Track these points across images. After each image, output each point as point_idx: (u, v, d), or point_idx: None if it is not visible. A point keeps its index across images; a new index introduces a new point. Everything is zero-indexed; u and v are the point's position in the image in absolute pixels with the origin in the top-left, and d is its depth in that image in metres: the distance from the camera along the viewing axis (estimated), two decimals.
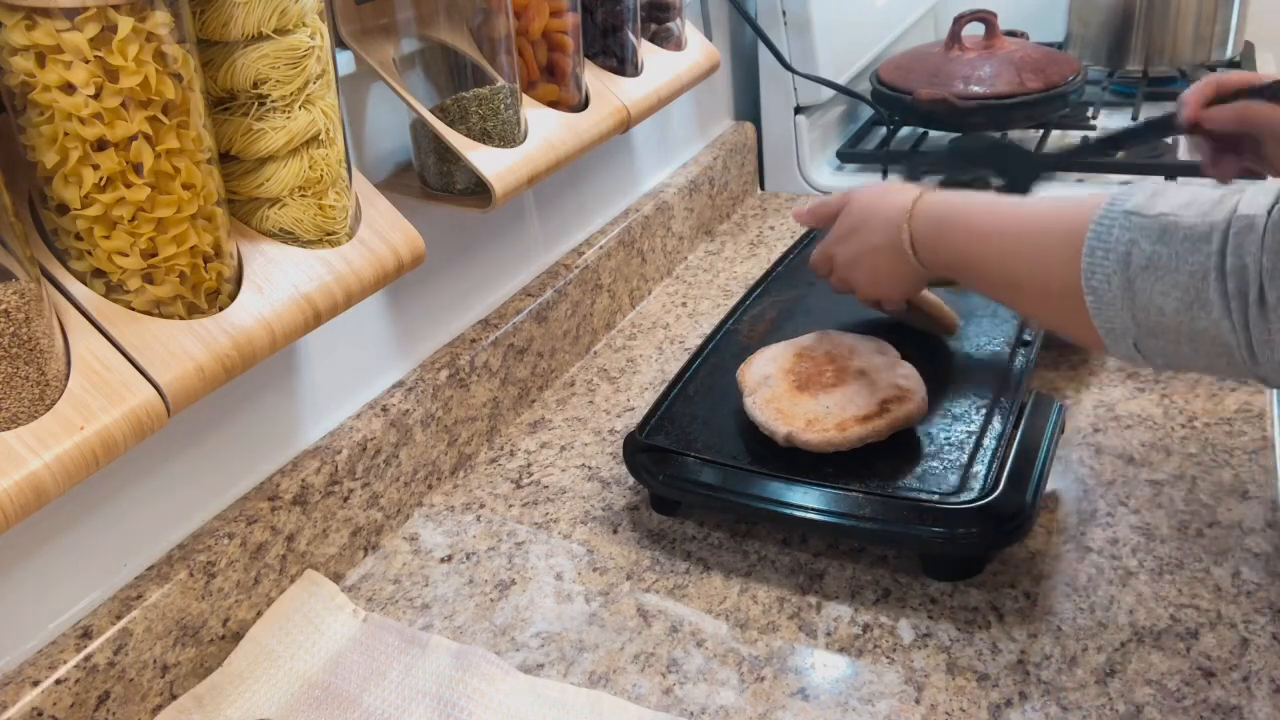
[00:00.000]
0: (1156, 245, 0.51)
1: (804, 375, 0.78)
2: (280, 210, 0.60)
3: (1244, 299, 0.48)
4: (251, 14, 0.55)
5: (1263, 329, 0.48)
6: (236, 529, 0.67)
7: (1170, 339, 0.52)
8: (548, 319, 0.97)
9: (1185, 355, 0.52)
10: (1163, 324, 0.52)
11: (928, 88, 1.32)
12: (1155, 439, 0.81)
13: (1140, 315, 0.52)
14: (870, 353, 0.80)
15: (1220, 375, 0.52)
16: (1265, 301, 0.48)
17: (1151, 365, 0.55)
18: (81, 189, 0.50)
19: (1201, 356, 0.52)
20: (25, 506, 0.47)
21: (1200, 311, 0.50)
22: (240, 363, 0.56)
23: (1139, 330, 0.53)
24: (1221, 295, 0.49)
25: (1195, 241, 0.50)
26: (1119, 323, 0.53)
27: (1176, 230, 0.51)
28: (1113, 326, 0.54)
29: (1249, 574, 0.67)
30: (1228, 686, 0.60)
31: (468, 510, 0.83)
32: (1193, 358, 0.52)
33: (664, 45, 1.00)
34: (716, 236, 1.29)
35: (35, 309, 0.48)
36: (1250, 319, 0.48)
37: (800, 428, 0.73)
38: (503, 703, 0.63)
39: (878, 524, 0.68)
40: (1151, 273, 0.51)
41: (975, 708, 0.60)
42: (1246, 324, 0.49)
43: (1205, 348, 0.51)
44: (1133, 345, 0.54)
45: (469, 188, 0.77)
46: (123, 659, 0.60)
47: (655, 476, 0.75)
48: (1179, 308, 0.50)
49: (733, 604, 0.70)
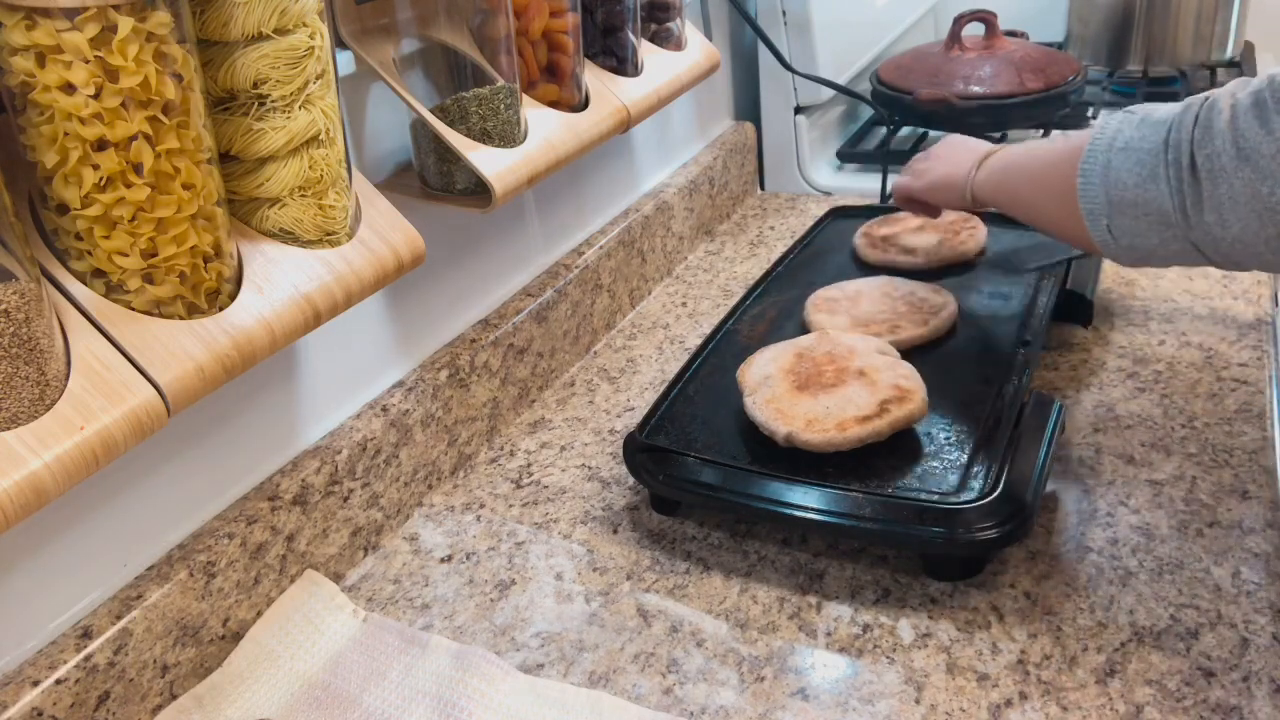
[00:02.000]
0: (1133, 132, 0.61)
1: (804, 375, 0.78)
2: (280, 210, 0.60)
3: (1179, 167, 0.57)
4: (251, 14, 0.55)
5: (1194, 192, 0.57)
6: (236, 529, 0.67)
7: (1131, 214, 0.61)
8: (548, 319, 0.97)
9: (1142, 231, 0.61)
10: (1126, 198, 0.60)
11: (928, 88, 1.32)
12: (1155, 439, 0.81)
13: (1112, 192, 0.61)
14: (870, 353, 0.80)
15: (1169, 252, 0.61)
16: (1195, 166, 0.57)
17: (1120, 249, 0.63)
18: (81, 189, 0.50)
19: (1154, 230, 0.60)
20: (25, 506, 0.47)
21: (1151, 183, 0.59)
22: (240, 363, 0.56)
23: (1110, 207, 0.62)
24: (1164, 165, 0.58)
25: (1157, 126, 0.60)
26: (1097, 201, 0.62)
27: (1149, 119, 0.61)
28: (1092, 206, 0.62)
29: (1249, 574, 0.67)
30: (1228, 686, 0.60)
31: (468, 510, 0.83)
32: (1148, 232, 0.61)
33: (664, 45, 1.00)
34: (716, 236, 1.29)
35: (35, 309, 0.48)
36: (1184, 183, 0.57)
37: (800, 428, 0.73)
38: (503, 703, 0.63)
39: (878, 524, 0.68)
40: (1124, 152, 0.61)
41: (975, 708, 0.60)
42: (1181, 189, 0.58)
43: (1154, 218, 0.60)
44: (1106, 227, 0.62)
45: (469, 188, 0.77)
46: (123, 659, 0.60)
47: (655, 476, 0.75)
48: (1138, 181, 0.60)
49: (733, 604, 0.70)
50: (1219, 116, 0.56)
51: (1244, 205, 0.55)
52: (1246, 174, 0.55)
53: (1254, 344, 0.91)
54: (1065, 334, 0.95)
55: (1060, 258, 0.96)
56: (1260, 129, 0.54)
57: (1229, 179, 0.55)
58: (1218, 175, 0.56)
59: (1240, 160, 0.55)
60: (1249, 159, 0.54)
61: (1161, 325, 0.95)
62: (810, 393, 0.76)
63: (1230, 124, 0.56)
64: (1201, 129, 0.57)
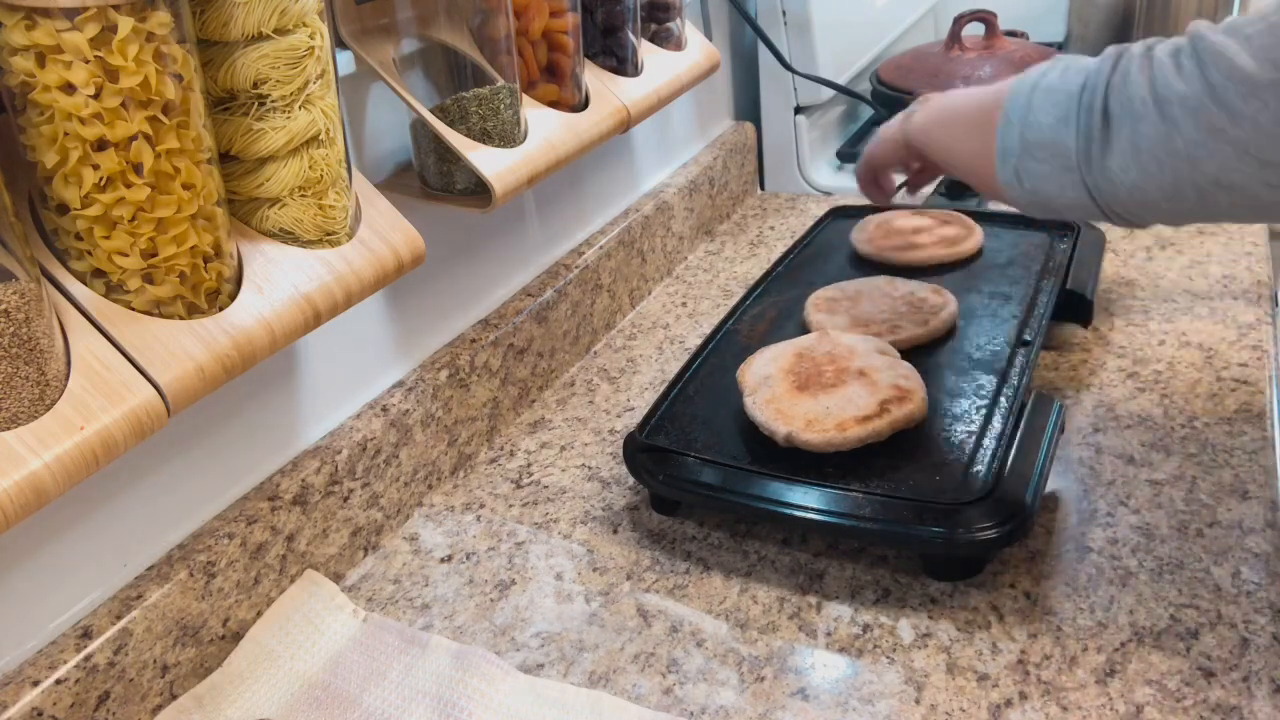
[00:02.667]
0: (1057, 76, 0.61)
1: (804, 375, 0.78)
2: (280, 210, 0.60)
3: (1091, 111, 0.58)
4: (251, 14, 0.55)
5: (1102, 135, 0.58)
6: (236, 529, 0.67)
7: (1039, 155, 0.61)
8: (548, 319, 0.97)
9: (1044, 175, 0.61)
10: (1039, 139, 0.61)
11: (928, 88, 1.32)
12: (1155, 439, 0.81)
13: (1027, 132, 0.61)
14: (870, 353, 0.80)
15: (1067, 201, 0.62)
16: (1108, 110, 0.57)
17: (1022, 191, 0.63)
18: (81, 189, 0.50)
19: (1055, 174, 0.60)
20: (25, 506, 0.47)
21: (1063, 126, 0.59)
22: (240, 363, 0.56)
23: (1022, 148, 0.62)
24: (1078, 108, 0.59)
25: (1078, 72, 0.60)
26: (1012, 141, 0.62)
27: (1074, 64, 0.61)
28: (1006, 145, 0.62)
29: (1249, 574, 0.67)
30: (1228, 686, 0.60)
31: (468, 510, 0.83)
32: (1049, 177, 0.61)
33: (664, 45, 1.00)
34: (716, 236, 1.29)
35: (35, 309, 0.48)
36: (1094, 128, 0.58)
37: (800, 428, 0.73)
38: (503, 703, 0.63)
39: (878, 524, 0.68)
40: (1045, 93, 0.61)
41: (975, 708, 0.60)
42: (1090, 132, 0.58)
43: (1059, 161, 0.60)
44: (1014, 169, 0.62)
45: (469, 188, 0.77)
46: (123, 659, 0.60)
47: (655, 476, 0.75)
48: (1052, 122, 0.60)
49: (733, 604, 0.70)
50: (1135, 64, 0.57)
51: (1147, 151, 0.56)
52: (1154, 118, 0.56)
53: (1254, 344, 0.91)
54: (1065, 334, 0.95)
55: None
56: (1175, 75, 0.55)
57: (1136, 123, 0.56)
58: (1125, 120, 0.57)
59: (1154, 105, 0.56)
60: (1160, 105, 0.55)
61: (1161, 325, 0.95)
62: (810, 393, 0.76)
63: (1144, 70, 0.57)
64: (1120, 75, 0.58)
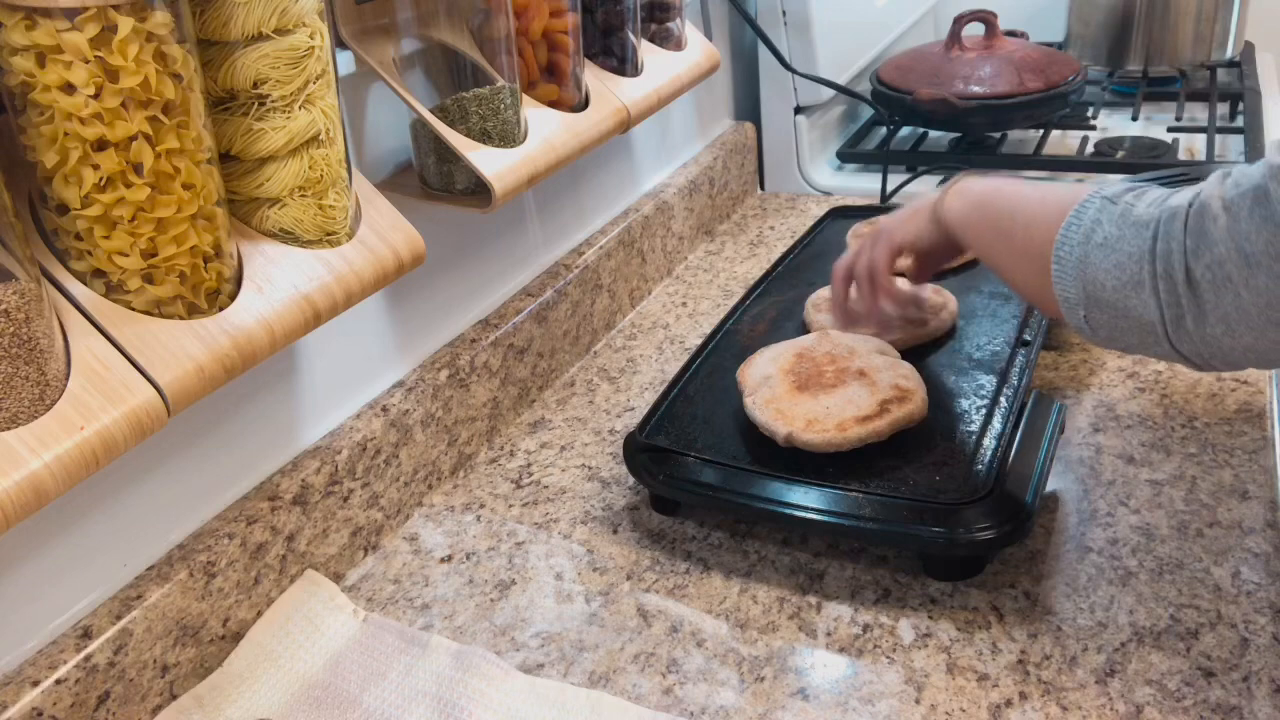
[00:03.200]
0: (1112, 228, 0.57)
1: (804, 375, 0.78)
2: (280, 210, 0.60)
3: (1171, 280, 0.53)
4: (251, 14, 0.55)
5: (1194, 306, 0.53)
6: (236, 529, 0.67)
7: (1110, 313, 0.57)
8: (548, 319, 0.97)
9: (1122, 330, 0.57)
10: (1105, 298, 0.57)
11: (928, 88, 1.32)
12: (1155, 439, 0.81)
13: (1089, 288, 0.57)
14: (870, 353, 0.80)
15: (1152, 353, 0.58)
16: (1192, 279, 0.52)
17: (1097, 337, 0.59)
18: (81, 189, 0.50)
19: (1134, 333, 0.57)
20: (25, 506, 0.47)
21: (1133, 291, 0.55)
22: (240, 363, 0.56)
23: (1087, 301, 0.58)
24: (1151, 276, 0.54)
25: (1139, 228, 0.55)
26: (1072, 292, 0.58)
27: (1130, 216, 0.56)
28: (1067, 295, 0.59)
29: (1249, 574, 0.67)
30: (1228, 686, 0.60)
31: (468, 510, 0.83)
32: (1127, 333, 0.57)
33: (664, 45, 1.00)
34: (716, 236, 1.29)
35: (35, 309, 0.48)
36: (1180, 297, 0.53)
37: (800, 428, 0.73)
38: (503, 703, 0.63)
39: (878, 524, 0.68)
40: (1103, 250, 0.56)
41: (975, 708, 0.60)
42: (1176, 303, 0.53)
43: (1135, 325, 0.56)
44: (1083, 317, 0.59)
45: (469, 188, 0.77)
46: (123, 659, 0.60)
47: (655, 476, 0.75)
48: (1118, 285, 0.56)
49: (733, 604, 0.70)
50: (1214, 222, 0.51)
51: (1257, 314, 0.50)
52: (1260, 280, 0.49)
53: None
54: (1065, 334, 0.95)
55: None
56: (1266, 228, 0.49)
57: (1236, 289, 0.50)
58: (1222, 286, 0.51)
59: (1249, 267, 0.50)
60: (1259, 264, 0.49)
61: None
62: (810, 393, 0.76)
63: (1229, 229, 0.50)
64: (1194, 237, 0.52)
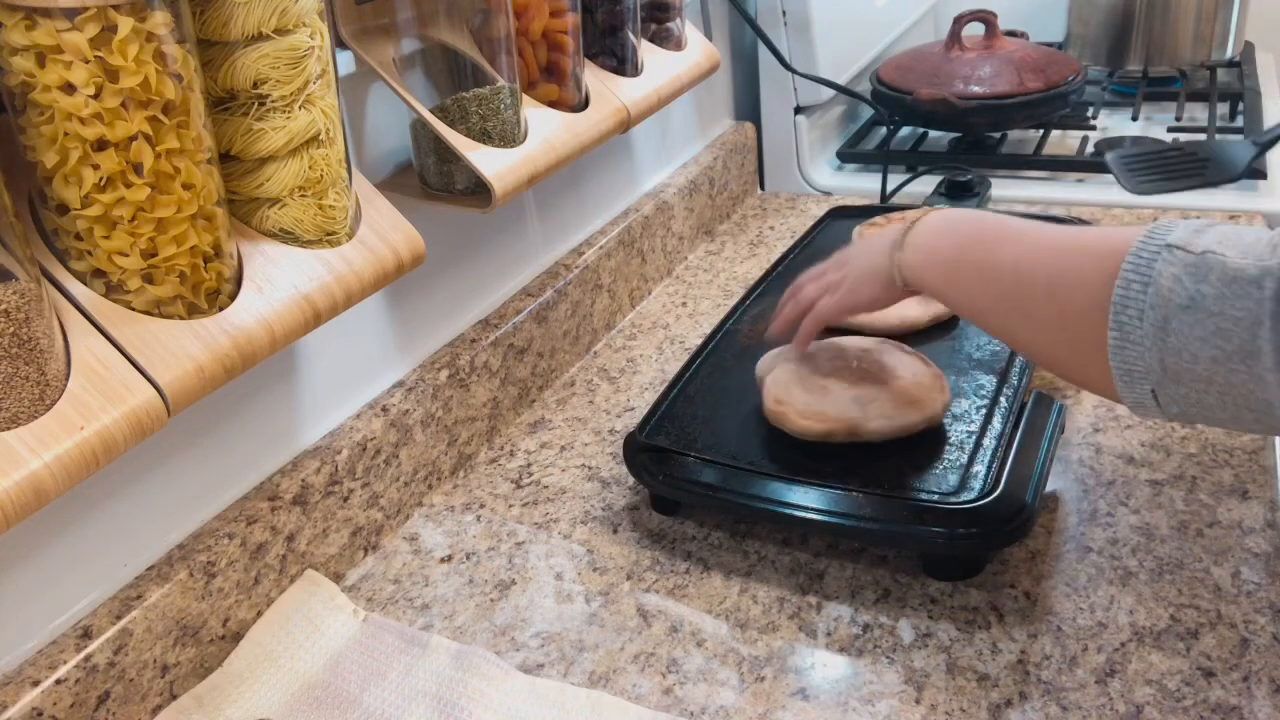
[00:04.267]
0: (1200, 285, 0.46)
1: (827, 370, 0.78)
2: (280, 210, 0.60)
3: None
4: (251, 14, 0.55)
5: None
6: (236, 529, 0.67)
7: (1198, 388, 0.47)
8: (548, 319, 0.97)
9: (1209, 406, 0.48)
10: (1194, 371, 0.47)
11: (928, 88, 1.32)
12: (1155, 439, 0.81)
13: (1170, 360, 0.47)
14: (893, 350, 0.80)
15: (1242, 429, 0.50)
16: None
17: (1165, 415, 0.50)
18: (81, 189, 0.50)
19: (1229, 408, 0.47)
20: (25, 506, 0.47)
21: (1242, 363, 0.45)
22: (240, 363, 0.56)
23: (1164, 375, 0.48)
24: (1274, 346, 0.44)
25: (1245, 285, 0.44)
26: (1141, 364, 0.48)
27: (1224, 270, 0.45)
28: (1133, 368, 0.49)
29: (1249, 574, 0.67)
30: (1228, 686, 0.60)
31: (468, 510, 0.83)
32: (1218, 409, 0.48)
33: (664, 45, 1.00)
34: (716, 236, 1.29)
35: (35, 309, 0.48)
36: None
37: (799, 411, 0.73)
38: (503, 703, 0.63)
39: (878, 524, 0.68)
40: (1192, 314, 0.46)
41: (975, 708, 0.60)
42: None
43: (1238, 400, 0.46)
44: (1150, 391, 0.49)
45: (469, 188, 0.77)
46: (123, 659, 0.60)
47: (655, 476, 0.75)
48: (1218, 355, 0.45)
49: (733, 604, 0.70)
50: None
51: None
52: None
53: None
54: None
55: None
56: None
57: None
58: None
59: None
60: None
61: None
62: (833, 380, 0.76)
63: None
64: None
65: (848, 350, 0.80)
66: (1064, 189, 1.26)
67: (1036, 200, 1.24)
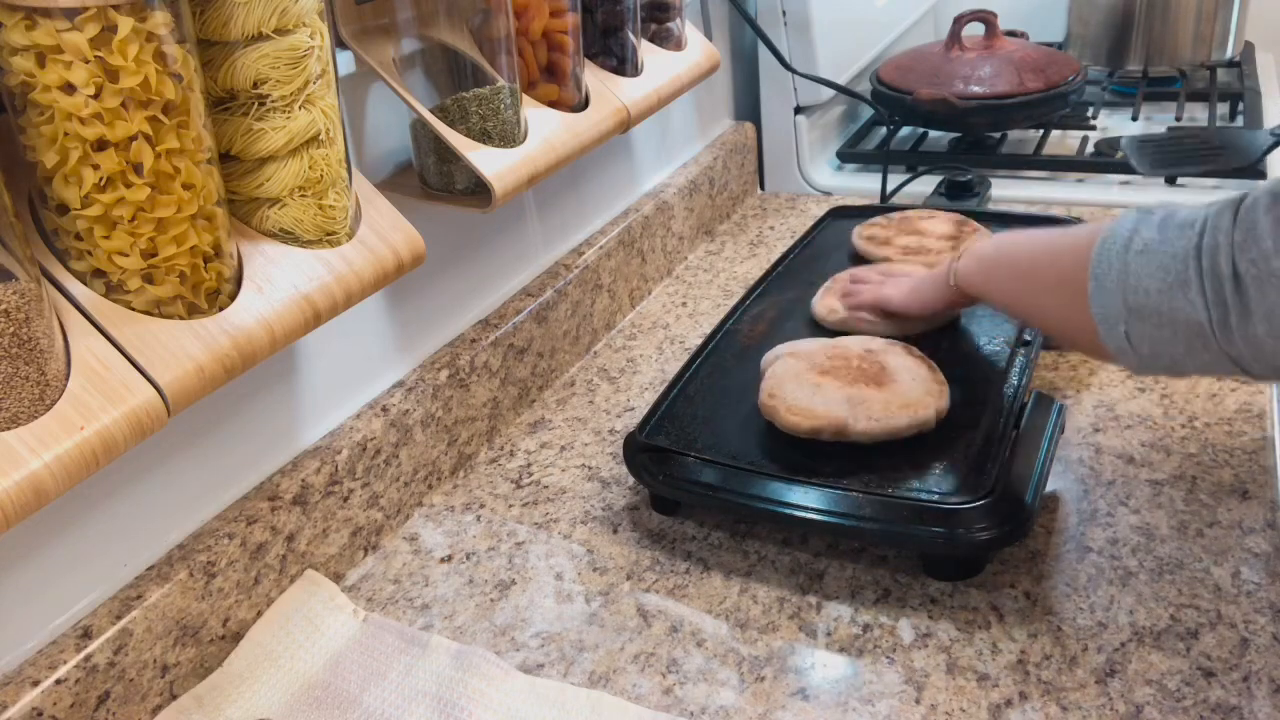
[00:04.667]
0: (1153, 233, 0.56)
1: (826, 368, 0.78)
2: (280, 210, 0.60)
3: (1217, 276, 0.52)
4: (251, 14, 0.55)
5: (1239, 302, 0.51)
6: (236, 529, 0.67)
7: (1154, 322, 0.55)
8: (548, 319, 0.97)
9: (1166, 340, 0.55)
10: (1148, 305, 0.55)
11: (928, 88, 1.32)
12: (1155, 439, 0.81)
13: (1130, 297, 0.56)
14: (899, 352, 0.80)
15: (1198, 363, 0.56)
16: (1239, 274, 0.51)
17: (1139, 357, 0.58)
18: (81, 189, 0.50)
19: (1180, 341, 0.55)
20: (25, 506, 0.47)
21: (1179, 292, 0.53)
22: (240, 363, 0.56)
23: (1128, 313, 0.56)
24: (1198, 274, 0.53)
25: (1183, 228, 0.54)
26: (1112, 307, 0.57)
27: (1172, 219, 0.55)
28: (1106, 313, 0.57)
29: (1249, 574, 0.67)
30: (1228, 686, 0.60)
31: (468, 510, 0.83)
32: (1172, 342, 0.55)
33: (664, 45, 1.00)
34: (716, 236, 1.29)
35: (35, 309, 0.48)
36: (1226, 295, 0.52)
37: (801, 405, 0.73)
38: (503, 703, 0.63)
39: (878, 524, 0.68)
40: (1144, 255, 0.55)
41: (975, 708, 0.60)
42: (1222, 300, 0.52)
43: (1182, 329, 0.54)
44: (1123, 333, 0.57)
45: (469, 188, 0.77)
46: (123, 659, 0.60)
47: (655, 476, 0.75)
48: (1162, 287, 0.54)
49: (733, 604, 0.70)
50: (1264, 216, 0.50)
51: None
52: None
53: None
54: None
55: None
56: None
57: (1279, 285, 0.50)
58: (1267, 281, 0.50)
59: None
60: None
61: None
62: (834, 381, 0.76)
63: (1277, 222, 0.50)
64: (1243, 231, 0.51)
65: (851, 350, 0.80)
66: (1064, 189, 1.26)
67: (1036, 200, 1.24)
